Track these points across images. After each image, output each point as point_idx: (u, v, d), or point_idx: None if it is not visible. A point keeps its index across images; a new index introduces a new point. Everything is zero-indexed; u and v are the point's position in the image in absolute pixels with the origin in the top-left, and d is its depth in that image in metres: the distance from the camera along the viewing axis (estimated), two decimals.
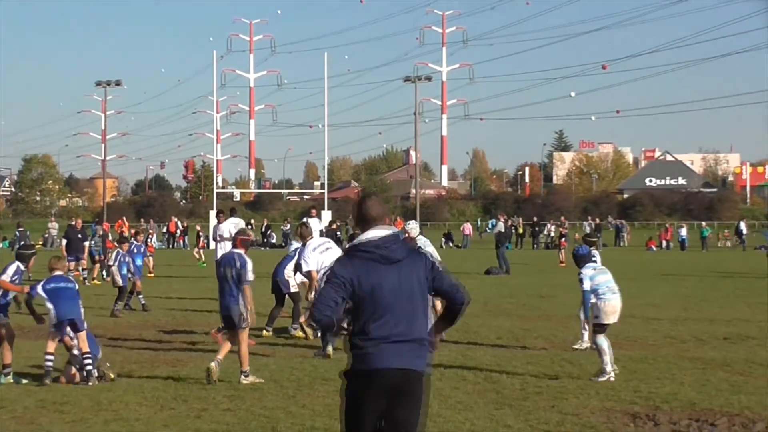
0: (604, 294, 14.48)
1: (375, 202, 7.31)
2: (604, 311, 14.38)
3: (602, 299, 14.44)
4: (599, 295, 14.45)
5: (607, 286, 14.59)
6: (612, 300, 14.48)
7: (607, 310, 14.41)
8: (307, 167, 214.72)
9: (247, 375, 14.04)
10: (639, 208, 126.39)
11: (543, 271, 42.83)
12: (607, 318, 14.42)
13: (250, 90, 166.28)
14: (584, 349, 16.99)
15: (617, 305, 14.56)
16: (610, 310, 14.43)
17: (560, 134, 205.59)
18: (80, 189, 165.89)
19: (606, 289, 14.54)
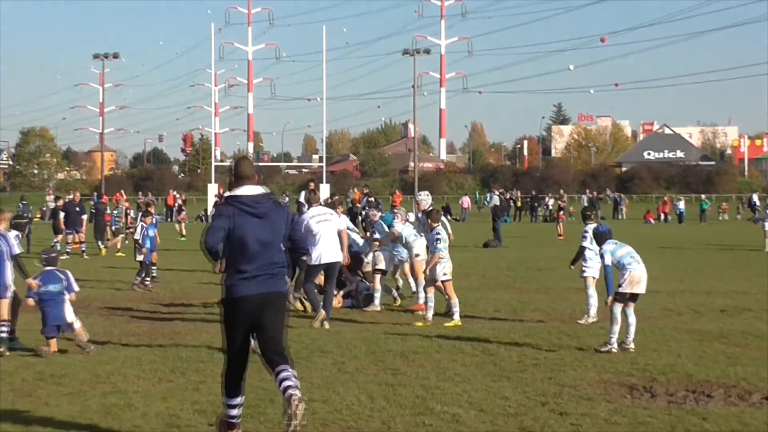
0: (629, 264, 14.39)
1: (248, 164, 9.44)
2: (629, 280, 14.30)
3: (628, 269, 14.36)
4: (625, 266, 14.38)
5: (631, 256, 14.52)
6: (637, 269, 14.40)
7: (633, 279, 14.32)
8: (305, 140, 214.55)
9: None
10: (637, 181, 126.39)
11: (541, 244, 42.87)
12: (632, 287, 14.33)
13: (249, 63, 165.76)
14: (589, 324, 16.98)
15: (643, 274, 14.45)
16: (635, 279, 14.34)
17: (559, 107, 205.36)
18: (78, 162, 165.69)
19: (630, 258, 14.48)
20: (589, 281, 17.35)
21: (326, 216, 17.79)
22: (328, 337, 15.51)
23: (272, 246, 9.05)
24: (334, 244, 17.57)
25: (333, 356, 13.86)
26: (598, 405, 10.75)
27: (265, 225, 9.00)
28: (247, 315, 9.02)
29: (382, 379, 12.12)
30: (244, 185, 9.14)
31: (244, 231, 8.92)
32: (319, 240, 17.37)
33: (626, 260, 14.43)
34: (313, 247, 17.34)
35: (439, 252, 17.16)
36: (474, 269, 28.39)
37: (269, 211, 9.08)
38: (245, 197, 9.04)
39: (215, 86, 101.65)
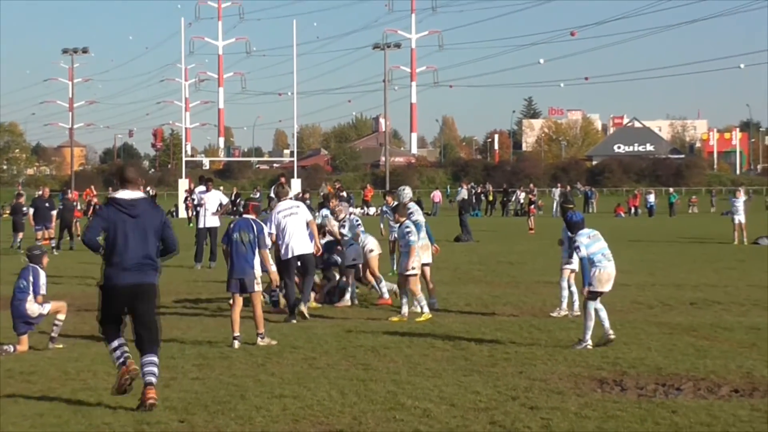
0: (600, 261, 14.18)
1: (132, 170, 10.91)
2: (598, 279, 14.09)
3: (597, 267, 14.13)
4: (594, 262, 14.15)
5: (602, 254, 14.30)
6: (607, 267, 14.21)
7: (602, 277, 14.12)
8: (276, 135, 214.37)
9: (264, 337, 14.45)
10: (607, 175, 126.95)
11: (512, 237, 42.97)
12: (601, 286, 14.12)
13: (219, 57, 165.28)
14: (561, 317, 17.02)
15: (612, 273, 14.27)
16: (605, 278, 14.14)
17: (529, 101, 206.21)
18: (48, 158, 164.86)
19: (601, 256, 14.26)
20: (565, 273, 17.42)
21: (293, 209, 17.90)
22: (298, 333, 15.49)
23: (143, 242, 10.44)
24: (302, 237, 17.67)
25: (304, 352, 13.85)
26: (569, 399, 10.78)
27: (137, 224, 10.40)
28: (120, 300, 10.54)
29: (353, 375, 12.11)
30: (125, 189, 10.61)
31: (118, 229, 10.37)
32: (287, 234, 17.51)
33: (597, 257, 14.22)
34: (282, 241, 17.43)
35: (413, 244, 17.16)
36: (445, 263, 28.40)
37: (143, 213, 10.46)
38: (122, 200, 10.49)
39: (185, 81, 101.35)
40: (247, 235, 14.73)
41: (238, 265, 14.67)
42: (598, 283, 14.09)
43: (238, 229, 14.82)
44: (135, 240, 10.36)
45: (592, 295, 14.07)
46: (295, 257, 17.58)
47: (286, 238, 17.50)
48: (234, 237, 14.77)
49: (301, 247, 17.58)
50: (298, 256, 17.60)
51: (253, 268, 14.67)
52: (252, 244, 14.67)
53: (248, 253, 14.65)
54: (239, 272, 14.63)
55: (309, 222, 18.02)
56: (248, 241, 14.69)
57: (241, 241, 14.69)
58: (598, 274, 14.10)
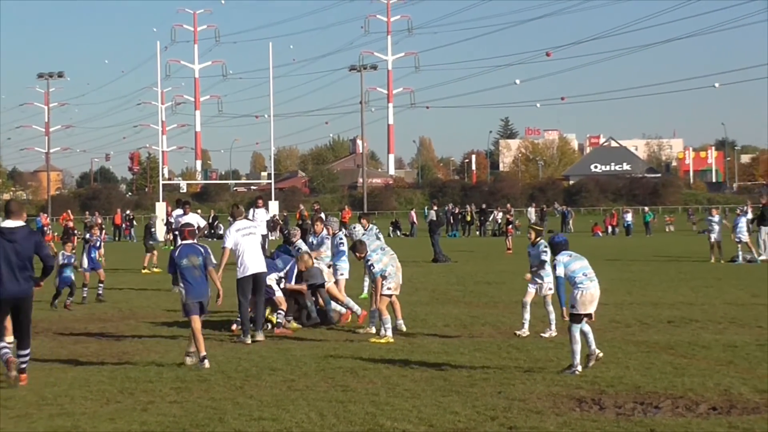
0: (581, 282, 13.75)
1: (15, 204, 13.62)
2: (581, 301, 13.67)
3: (579, 288, 13.72)
4: (576, 283, 13.74)
5: (584, 273, 13.85)
6: (590, 288, 13.74)
7: (585, 299, 13.69)
8: (253, 158, 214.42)
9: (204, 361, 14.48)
10: (585, 194, 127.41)
11: (490, 257, 43.01)
12: (584, 308, 13.68)
13: (195, 81, 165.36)
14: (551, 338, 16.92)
15: (595, 293, 13.80)
16: (587, 299, 13.70)
17: (506, 122, 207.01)
18: (24, 182, 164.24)
19: (583, 276, 13.81)
20: (549, 298, 17.53)
21: (250, 229, 18.25)
22: (277, 355, 15.46)
23: (20, 262, 13.10)
24: (259, 256, 18.00)
25: (283, 374, 13.82)
26: (548, 418, 10.79)
27: (15, 248, 13.05)
28: (6, 306, 13.20)
29: (332, 396, 12.09)
30: (9, 219, 13.26)
31: (1, 252, 13.02)
32: (244, 253, 17.83)
33: (578, 277, 13.81)
34: (239, 260, 17.74)
35: (377, 276, 17.37)
36: (423, 284, 28.43)
37: (20, 239, 13.10)
38: (5, 228, 13.16)
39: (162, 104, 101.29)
40: (197, 258, 14.91)
41: (198, 288, 14.83)
42: (581, 306, 13.68)
43: (185, 255, 14.95)
44: (13, 260, 13.04)
45: (576, 318, 13.66)
46: (251, 276, 17.85)
47: (244, 257, 17.83)
48: (183, 263, 14.89)
49: (255, 266, 17.88)
50: (252, 275, 17.86)
51: (209, 289, 14.97)
52: (202, 267, 14.87)
53: (202, 275, 14.89)
54: (199, 295, 14.82)
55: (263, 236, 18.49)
56: (199, 264, 14.89)
57: (192, 265, 14.86)
58: (580, 297, 13.70)
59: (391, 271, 17.50)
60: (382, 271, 17.40)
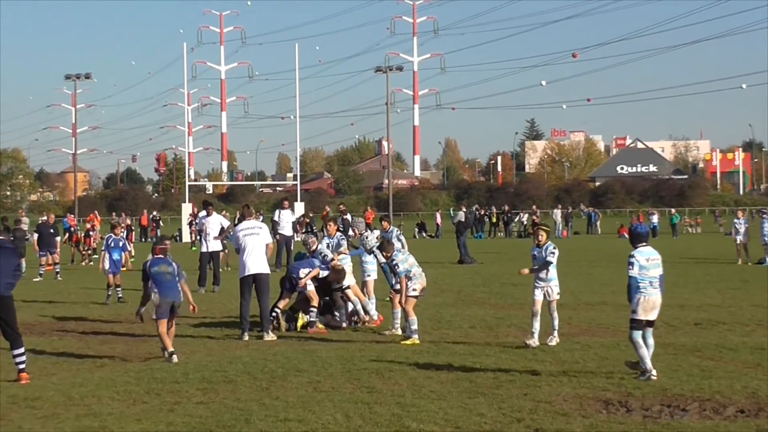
0: (645, 288, 13.41)
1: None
2: (642, 306, 13.35)
3: (641, 293, 13.39)
4: (640, 289, 13.41)
5: (650, 281, 13.48)
6: (652, 295, 13.42)
7: (647, 305, 13.36)
8: (279, 159, 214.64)
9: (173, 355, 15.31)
10: (611, 196, 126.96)
11: (515, 259, 42.86)
12: (645, 314, 13.37)
13: (222, 82, 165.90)
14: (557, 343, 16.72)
15: (657, 300, 13.50)
16: (649, 306, 13.38)
17: (532, 123, 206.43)
18: (51, 183, 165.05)
19: (647, 283, 13.45)
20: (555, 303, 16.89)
21: (254, 230, 18.40)
22: (303, 356, 15.47)
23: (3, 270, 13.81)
24: (260, 257, 18.16)
25: (308, 375, 13.83)
26: (574, 420, 10.76)
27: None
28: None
29: (358, 398, 12.09)
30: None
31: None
32: (245, 253, 18.08)
33: (643, 283, 13.43)
34: (241, 259, 18.03)
35: (402, 275, 17.30)
36: (449, 285, 28.40)
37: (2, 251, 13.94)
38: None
39: (188, 106, 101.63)
40: (167, 267, 15.81)
41: (170, 292, 15.65)
42: (642, 312, 13.38)
43: (155, 265, 15.83)
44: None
45: (636, 324, 13.34)
46: (251, 276, 18.05)
47: (244, 256, 18.06)
48: (154, 270, 15.73)
49: (256, 267, 18.06)
50: (253, 276, 18.04)
51: (180, 293, 15.78)
52: (173, 275, 15.71)
53: (173, 281, 15.68)
54: (172, 297, 15.66)
55: (267, 245, 18.53)
56: (170, 272, 15.75)
57: (164, 272, 15.73)
58: (643, 301, 13.40)
59: (417, 272, 17.45)
60: (407, 271, 17.35)
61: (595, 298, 24.07)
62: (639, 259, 13.58)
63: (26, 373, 13.74)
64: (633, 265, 13.53)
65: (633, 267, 13.51)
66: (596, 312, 21.37)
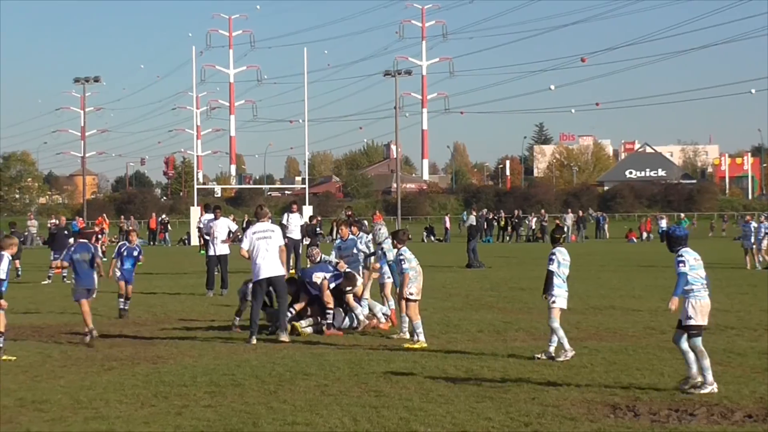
0: (698, 291, 12.69)
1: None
2: (699, 310, 12.61)
3: (696, 297, 12.66)
4: (693, 291, 12.65)
5: (702, 283, 12.75)
6: (706, 298, 12.74)
7: (704, 309, 12.67)
8: (287, 162, 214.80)
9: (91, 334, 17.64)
10: (619, 200, 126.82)
11: (524, 263, 42.88)
12: (703, 318, 12.66)
13: (230, 86, 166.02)
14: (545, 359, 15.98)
15: (709, 304, 12.84)
16: (706, 309, 12.70)
17: (540, 127, 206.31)
18: (60, 186, 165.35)
19: (701, 285, 12.74)
20: (555, 313, 15.41)
21: (267, 233, 18.28)
22: (311, 360, 15.47)
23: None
24: (274, 260, 18.08)
25: (316, 378, 13.83)
26: (582, 425, 10.75)
27: None
28: None
29: (366, 401, 12.09)
30: None
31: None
32: (258, 256, 18.01)
33: (696, 285, 12.74)
34: (254, 263, 18.05)
35: (406, 272, 17.19)
36: (457, 289, 28.39)
37: None
38: None
39: (197, 109, 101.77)
40: (87, 255, 18.32)
41: (86, 278, 18.29)
42: (701, 317, 12.66)
43: (78, 251, 18.41)
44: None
45: (697, 330, 12.66)
46: (265, 279, 17.99)
47: (258, 259, 17.99)
48: (76, 257, 18.31)
49: (271, 269, 17.99)
50: (268, 279, 18.00)
51: (95, 280, 18.59)
52: (90, 262, 18.29)
53: (89, 268, 18.30)
54: (88, 284, 18.27)
55: (280, 247, 18.39)
56: (87, 260, 18.29)
57: (82, 260, 18.26)
58: (697, 305, 12.68)
59: (413, 275, 17.29)
60: (402, 268, 17.20)
61: (604, 303, 24.04)
62: (688, 258, 12.79)
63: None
64: (685, 263, 12.73)
65: (683, 265, 12.72)
66: (604, 316, 21.34)
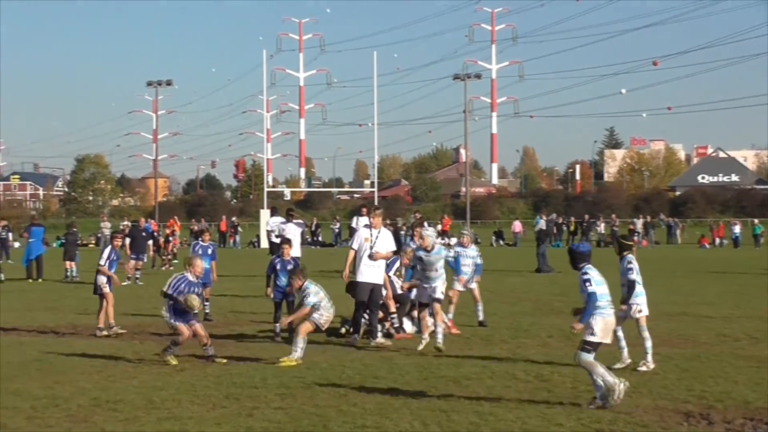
0: (605, 308, 12.40)
1: None
2: (603, 328, 12.22)
3: (602, 314, 12.32)
4: (600, 308, 12.33)
5: (607, 300, 12.51)
6: (611, 316, 12.43)
7: (608, 327, 12.31)
8: (357, 166, 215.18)
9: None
10: (691, 206, 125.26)
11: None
12: (605, 336, 12.28)
13: (300, 89, 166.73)
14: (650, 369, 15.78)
15: (614, 322, 12.60)
16: (610, 327, 12.36)
17: (611, 131, 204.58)
18: (132, 188, 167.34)
19: (606, 302, 12.45)
20: (643, 321, 15.28)
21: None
22: (380, 363, 15.49)
23: None
24: (376, 266, 18.33)
25: (386, 382, 13.84)
26: None
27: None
28: None
29: (436, 405, 12.08)
30: None
31: None
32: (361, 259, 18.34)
33: (602, 302, 12.42)
34: (358, 266, 18.30)
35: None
36: (526, 294, 28.27)
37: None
38: None
39: (267, 112, 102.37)
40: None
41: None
42: (602, 333, 12.25)
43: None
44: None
45: (592, 346, 12.22)
46: (368, 284, 18.17)
47: (362, 263, 18.27)
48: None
49: (373, 276, 18.25)
50: (366, 283, 18.18)
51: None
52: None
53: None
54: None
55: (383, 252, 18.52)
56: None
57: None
58: (602, 323, 12.28)
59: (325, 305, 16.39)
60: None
61: (675, 309, 23.77)
62: (593, 275, 12.60)
63: None
64: (590, 281, 12.51)
65: (591, 283, 12.49)
66: (676, 323, 21.11)
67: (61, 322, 21.99)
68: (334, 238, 72.74)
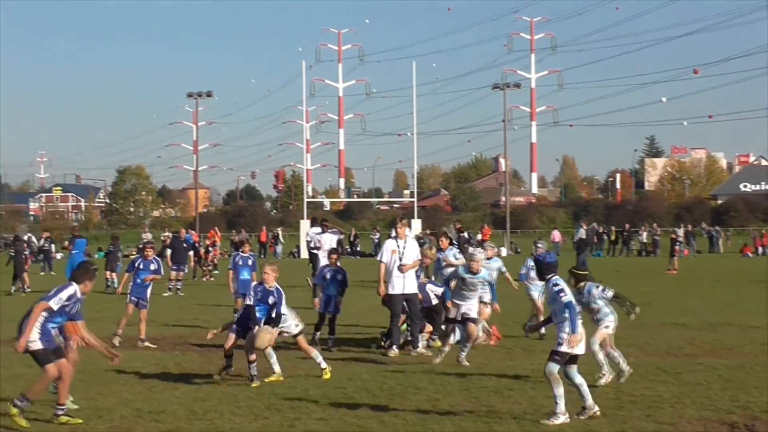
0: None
1: None
2: (575, 339, 11.92)
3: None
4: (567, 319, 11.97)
5: (579, 310, 12.39)
6: (581, 327, 12.06)
7: (580, 338, 11.98)
8: (396, 176, 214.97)
9: None
10: (733, 214, 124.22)
11: (635, 277, 42.34)
12: (578, 347, 12.01)
13: (339, 99, 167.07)
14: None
15: (584, 333, 12.15)
16: (581, 338, 12.02)
17: (651, 140, 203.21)
18: (173, 199, 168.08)
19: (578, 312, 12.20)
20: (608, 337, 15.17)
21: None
22: (422, 373, 15.47)
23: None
24: (410, 277, 18.38)
25: (427, 393, 13.82)
26: None
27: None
28: None
29: (477, 416, 12.04)
30: None
31: None
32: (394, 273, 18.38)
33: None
34: (391, 278, 18.33)
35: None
36: None
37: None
38: None
39: (306, 123, 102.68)
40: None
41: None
42: (574, 345, 11.98)
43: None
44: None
45: (560, 357, 11.94)
46: (402, 295, 18.16)
47: (394, 276, 18.32)
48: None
49: (408, 286, 18.26)
50: (402, 295, 18.17)
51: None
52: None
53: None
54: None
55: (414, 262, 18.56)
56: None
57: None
58: (574, 335, 11.96)
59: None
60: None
61: (719, 319, 23.58)
62: (564, 285, 12.32)
63: None
64: (564, 290, 12.19)
65: (566, 293, 12.19)
66: (720, 333, 20.93)
67: (103, 333, 22.07)
68: (374, 248, 72.73)
